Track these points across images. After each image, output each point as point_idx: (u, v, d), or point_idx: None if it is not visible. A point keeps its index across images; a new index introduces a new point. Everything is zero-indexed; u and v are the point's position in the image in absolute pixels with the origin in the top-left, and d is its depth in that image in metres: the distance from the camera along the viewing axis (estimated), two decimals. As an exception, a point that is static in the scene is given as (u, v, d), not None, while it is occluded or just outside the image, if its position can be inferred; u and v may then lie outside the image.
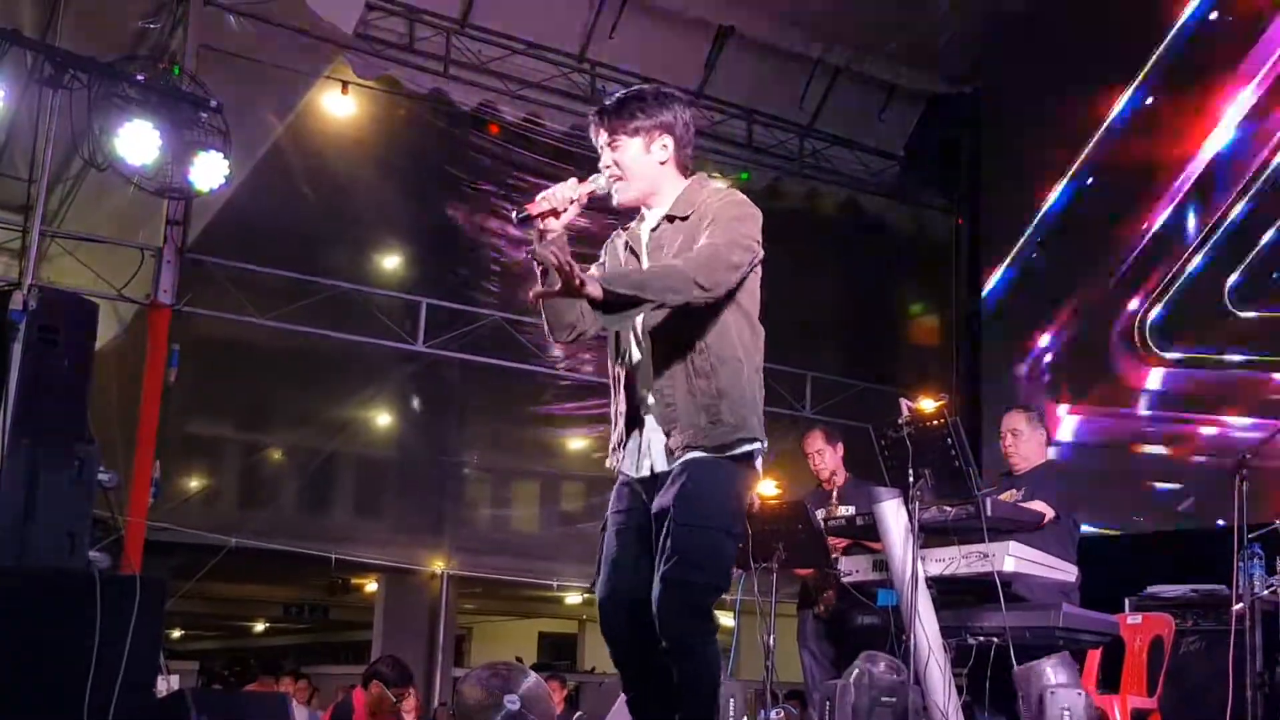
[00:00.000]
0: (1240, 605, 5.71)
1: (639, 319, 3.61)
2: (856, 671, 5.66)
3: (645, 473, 3.65)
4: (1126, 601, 7.12)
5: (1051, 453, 6.63)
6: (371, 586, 15.67)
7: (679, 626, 3.44)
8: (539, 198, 3.57)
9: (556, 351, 11.98)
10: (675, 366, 3.59)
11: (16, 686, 4.87)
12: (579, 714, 6.63)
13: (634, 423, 3.70)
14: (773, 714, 6.25)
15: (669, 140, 3.74)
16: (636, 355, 3.68)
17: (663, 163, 3.74)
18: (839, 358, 13.14)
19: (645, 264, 3.71)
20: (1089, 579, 5.99)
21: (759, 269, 3.69)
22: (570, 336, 3.76)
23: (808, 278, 12.60)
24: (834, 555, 6.60)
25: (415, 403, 12.42)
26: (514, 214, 3.59)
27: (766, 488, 12.20)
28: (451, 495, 12.70)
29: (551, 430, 12.76)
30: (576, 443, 13.09)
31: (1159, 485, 10.44)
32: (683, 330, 3.57)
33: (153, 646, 5.52)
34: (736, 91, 12.42)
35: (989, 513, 5.47)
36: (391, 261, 12.13)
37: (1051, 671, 5.30)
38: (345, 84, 10.69)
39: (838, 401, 12.50)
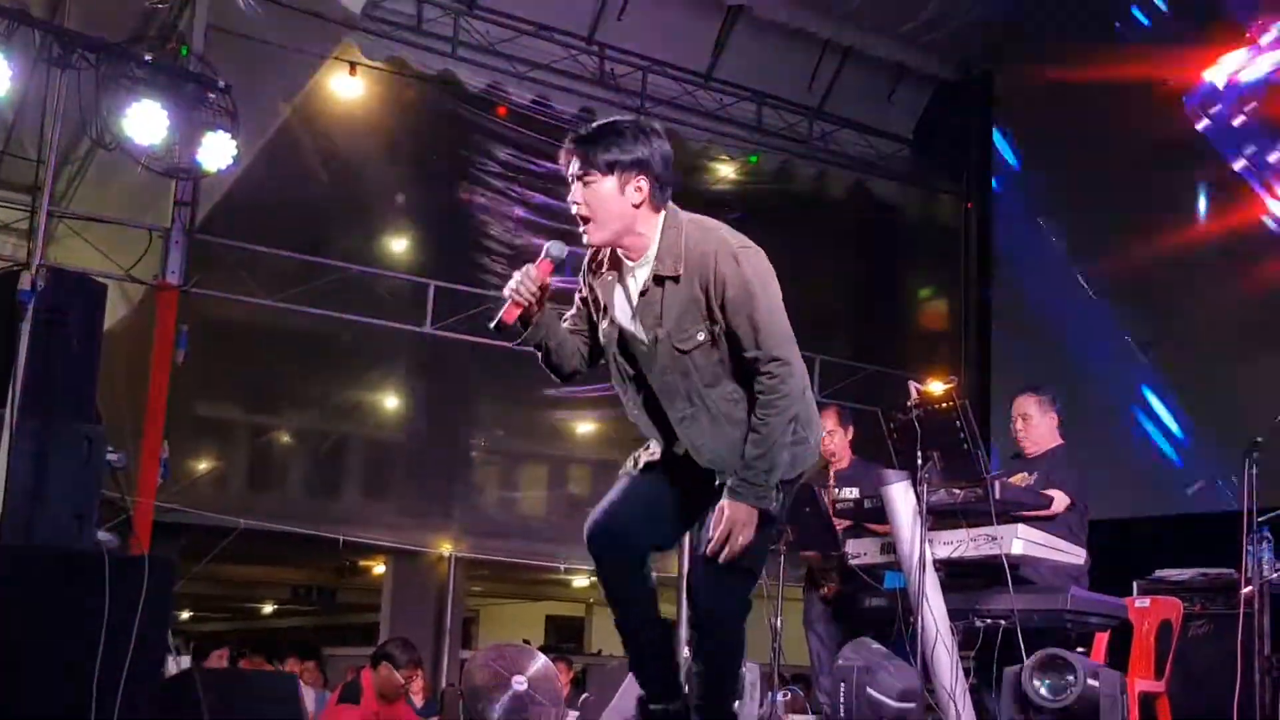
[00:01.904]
0: (1249, 589, 5.71)
1: (650, 384, 3.63)
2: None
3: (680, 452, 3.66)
4: (1135, 585, 7.11)
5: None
6: (379, 569, 15.70)
7: (715, 603, 3.58)
8: (507, 304, 3.56)
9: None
10: (702, 429, 3.61)
11: (25, 667, 4.89)
12: (585, 695, 6.63)
13: (669, 436, 3.69)
14: (779, 696, 6.26)
15: (644, 181, 3.54)
16: (657, 414, 3.66)
17: (636, 205, 3.55)
18: (848, 342, 13.12)
19: (632, 327, 3.62)
20: (1097, 562, 5.98)
21: None
22: (574, 378, 3.86)
23: (817, 261, 12.59)
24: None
25: (423, 385, 12.42)
26: (491, 325, 3.59)
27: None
28: (459, 478, 12.71)
29: (559, 413, 12.77)
30: (584, 426, 13.09)
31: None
32: (698, 391, 3.58)
33: (161, 627, 5.53)
34: (746, 73, 12.38)
35: (998, 496, 5.46)
36: (400, 243, 12.13)
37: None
38: (353, 65, 10.67)
39: (847, 385, 12.48)
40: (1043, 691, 5.17)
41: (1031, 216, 12.16)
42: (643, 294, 3.58)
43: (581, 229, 3.58)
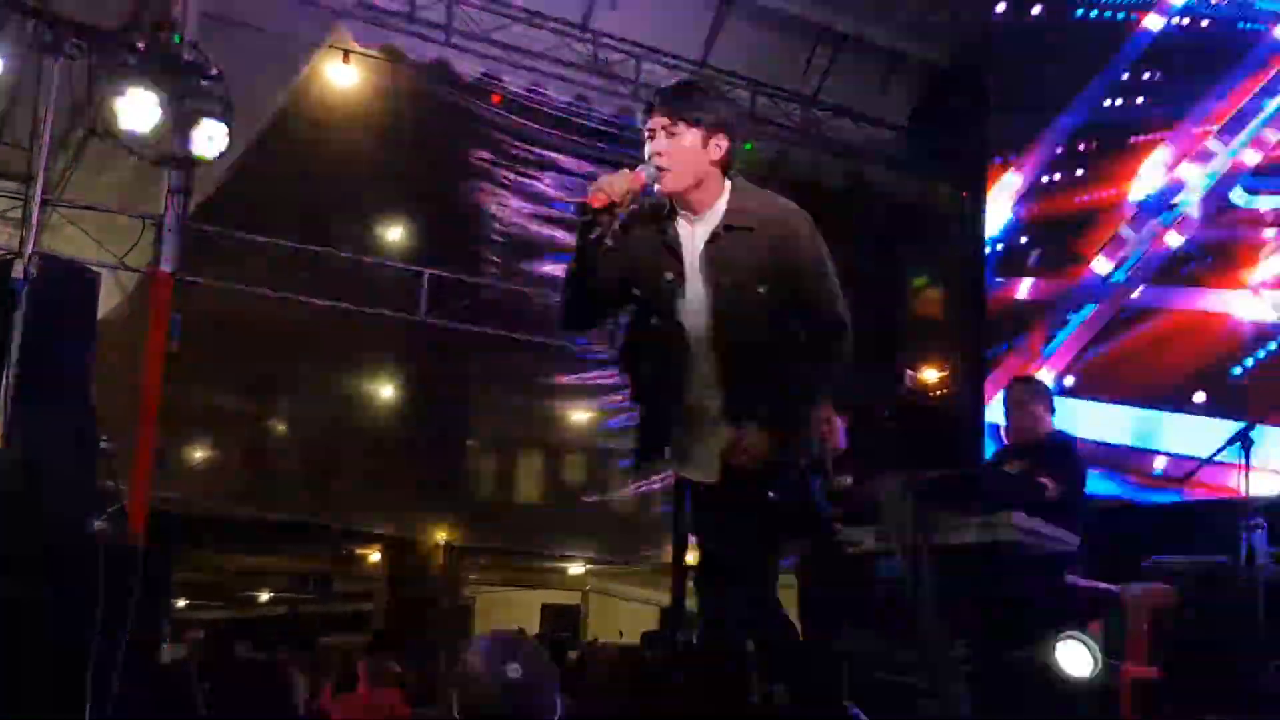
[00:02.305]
0: (1243, 576, 5.71)
1: (704, 318, 3.67)
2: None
3: (713, 479, 3.73)
4: (1129, 572, 7.12)
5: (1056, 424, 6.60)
6: (375, 557, 15.72)
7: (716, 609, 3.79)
8: (595, 189, 3.56)
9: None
10: (751, 377, 3.67)
11: (19, 657, 4.88)
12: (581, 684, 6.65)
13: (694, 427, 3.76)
14: (777, 686, 6.26)
15: (724, 141, 3.71)
16: (706, 365, 3.70)
17: (714, 161, 3.70)
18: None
19: (696, 271, 3.69)
20: (1091, 549, 5.98)
21: None
22: (588, 329, 3.93)
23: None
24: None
25: (418, 374, 12.43)
26: (573, 208, 3.68)
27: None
28: (455, 466, 12.74)
29: (555, 401, 12.77)
30: (580, 414, 13.10)
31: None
32: (753, 341, 3.67)
33: (156, 616, 5.53)
34: (740, 61, 12.35)
35: (992, 483, 5.47)
36: (395, 232, 12.12)
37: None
38: (347, 53, 10.63)
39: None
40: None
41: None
42: (710, 241, 3.68)
43: (655, 179, 3.65)
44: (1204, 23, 9.71)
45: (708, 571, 3.84)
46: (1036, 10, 11.13)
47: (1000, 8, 11.59)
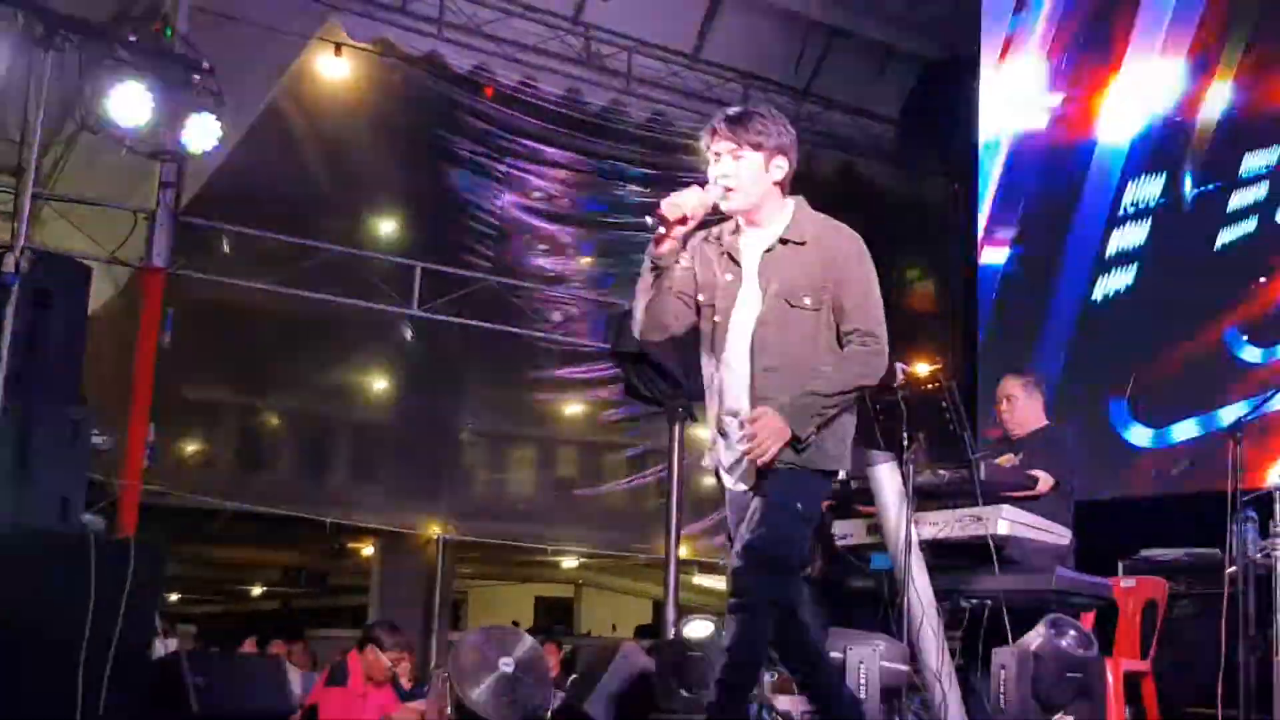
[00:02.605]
0: (1233, 568, 5.73)
1: (751, 324, 3.94)
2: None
3: (741, 488, 3.97)
4: (1120, 565, 7.14)
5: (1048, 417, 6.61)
6: (368, 550, 15.72)
7: (747, 591, 3.82)
8: (668, 205, 3.83)
9: (555, 316, 11.98)
10: (780, 382, 3.87)
11: (10, 650, 4.87)
12: (574, 676, 6.66)
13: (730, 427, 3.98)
14: (767, 677, 6.26)
15: (784, 162, 4.01)
16: (744, 353, 3.94)
17: (776, 182, 4.01)
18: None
19: (752, 279, 3.98)
20: (1083, 542, 6.00)
21: None
22: (662, 336, 4.09)
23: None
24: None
25: (411, 367, 12.41)
26: (648, 219, 3.86)
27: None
28: (448, 460, 12.72)
29: (547, 395, 12.77)
30: (572, 407, 13.10)
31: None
32: (790, 349, 3.90)
33: (148, 610, 5.53)
34: (732, 54, 12.35)
35: (983, 476, 5.48)
36: (387, 225, 12.10)
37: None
38: (338, 46, 10.62)
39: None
40: None
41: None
42: (768, 251, 3.98)
43: (722, 198, 3.94)
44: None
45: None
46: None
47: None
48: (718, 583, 15.78)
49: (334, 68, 10.75)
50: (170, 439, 10.86)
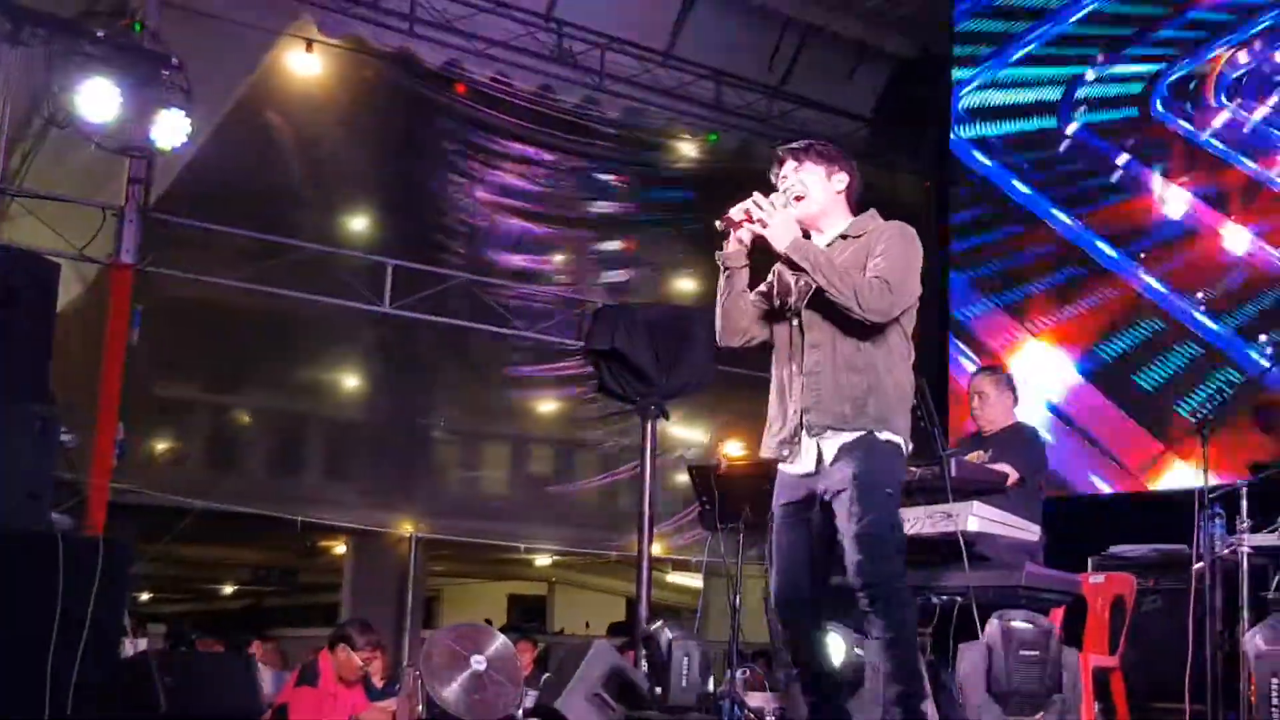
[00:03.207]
0: (1201, 564, 5.77)
1: (807, 324, 4.19)
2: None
3: (810, 469, 4.16)
4: (1089, 561, 7.18)
5: (1019, 414, 6.64)
6: (340, 549, 15.66)
7: (877, 574, 3.98)
8: (737, 208, 4.25)
9: (528, 313, 11.96)
10: (831, 362, 4.13)
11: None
12: (547, 675, 6.64)
13: (797, 424, 4.19)
14: (739, 674, 6.28)
15: (844, 176, 4.35)
16: (810, 359, 4.17)
17: (838, 192, 4.34)
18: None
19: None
20: (1052, 539, 6.03)
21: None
22: (740, 341, 4.37)
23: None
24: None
25: (383, 365, 12.37)
26: (718, 223, 4.27)
27: (733, 449, 12.23)
28: (420, 458, 12.68)
29: (520, 392, 12.74)
30: (545, 405, 13.07)
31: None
32: (848, 332, 4.13)
33: (117, 609, 5.50)
34: (705, 52, 12.35)
35: (954, 473, 5.49)
36: (358, 222, 12.05)
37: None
38: (310, 42, 10.56)
39: (806, 363, 12.47)
40: None
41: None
42: (828, 245, 4.28)
43: (793, 206, 4.28)
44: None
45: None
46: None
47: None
48: (691, 580, 15.80)
49: (305, 64, 10.68)
50: (140, 437, 10.78)
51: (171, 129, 7.91)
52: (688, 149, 12.57)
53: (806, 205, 4.31)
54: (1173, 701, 5.80)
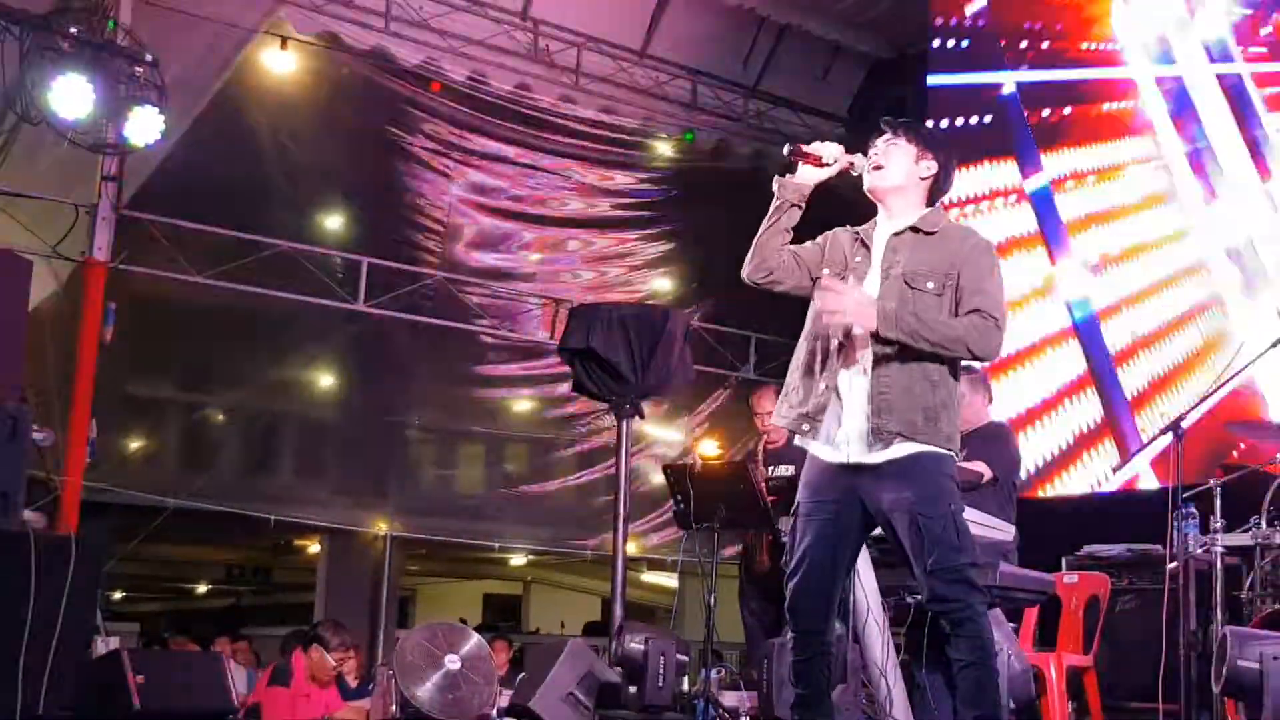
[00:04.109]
0: (1174, 564, 5.79)
1: (895, 285, 3.99)
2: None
3: (842, 459, 3.97)
4: (1064, 561, 7.21)
5: (993, 414, 6.66)
6: (314, 548, 15.60)
7: (959, 603, 3.88)
8: (812, 145, 4.18)
9: (503, 312, 11.94)
10: (902, 362, 3.92)
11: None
12: (522, 675, 6.63)
13: (827, 401, 4.01)
14: (713, 673, 6.29)
15: (934, 166, 4.14)
16: (862, 345, 3.97)
17: (922, 178, 4.14)
18: (784, 319, 13.10)
19: (878, 264, 4.09)
20: (1027, 538, 6.04)
21: None
22: (762, 279, 4.18)
23: (752, 238, 12.58)
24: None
25: (357, 363, 12.33)
26: (785, 147, 4.19)
27: (708, 448, 12.24)
28: (395, 456, 12.64)
29: (495, 391, 12.71)
30: (521, 404, 13.05)
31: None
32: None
33: (89, 607, 5.47)
34: (680, 50, 12.37)
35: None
36: (334, 220, 12.00)
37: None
38: (284, 39, 10.52)
39: (781, 364, 12.47)
40: None
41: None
42: (896, 235, 4.10)
43: (864, 169, 4.15)
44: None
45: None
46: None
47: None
48: (666, 579, 15.81)
49: (280, 61, 10.64)
50: (113, 435, 10.73)
51: (145, 126, 7.87)
52: (664, 148, 12.58)
53: (881, 177, 4.14)
54: (1146, 701, 5.83)
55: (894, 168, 4.13)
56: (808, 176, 4.17)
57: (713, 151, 12.70)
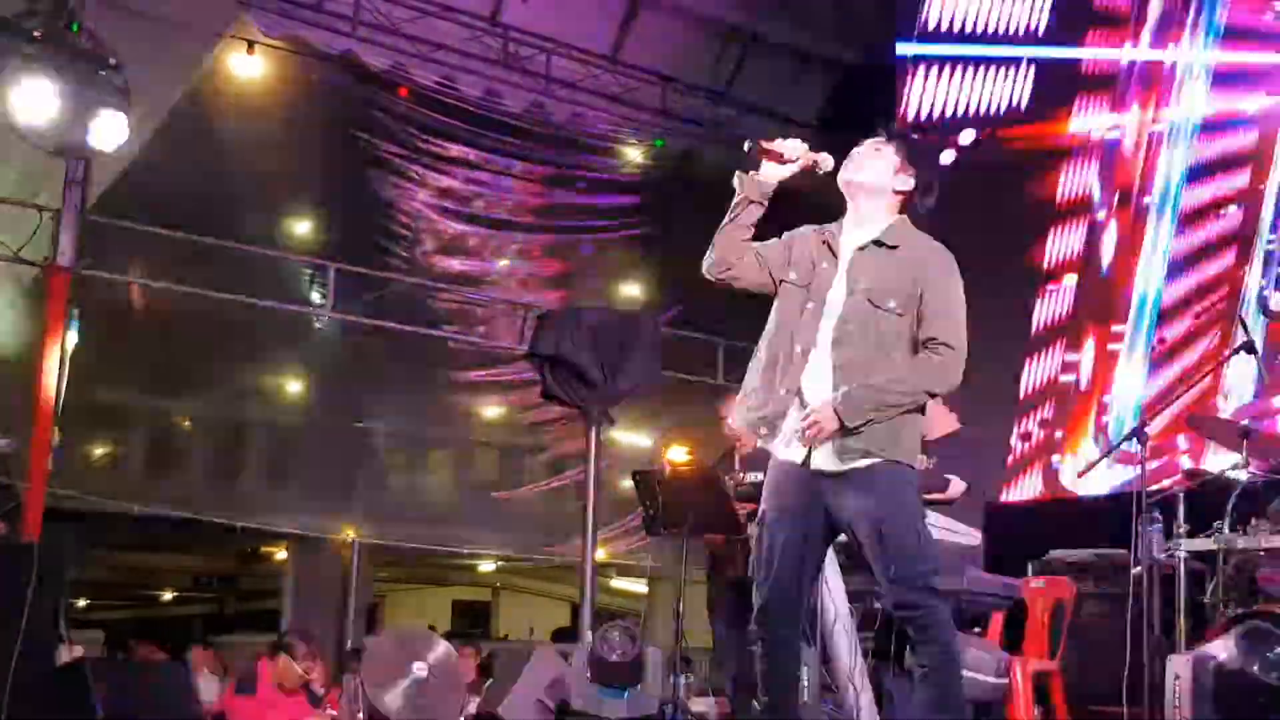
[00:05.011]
0: (1139, 569, 5.82)
1: (836, 315, 3.99)
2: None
3: (803, 462, 3.96)
4: (1029, 565, 7.23)
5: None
6: (282, 555, 15.53)
7: (922, 610, 3.88)
8: (775, 141, 4.12)
9: (472, 318, 11.92)
10: (866, 373, 3.90)
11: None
12: (490, 681, 6.62)
13: (788, 406, 3.99)
14: (682, 679, 6.28)
15: (911, 180, 4.09)
16: (826, 341, 3.97)
17: (895, 191, 4.09)
18: (753, 325, 13.13)
19: (843, 276, 4.05)
20: (993, 543, 6.06)
21: None
22: (721, 273, 4.15)
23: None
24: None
25: (325, 369, 12.29)
26: (746, 145, 4.14)
27: (677, 454, 12.24)
28: (363, 463, 12.62)
29: (464, 397, 12.69)
30: (489, 410, 13.03)
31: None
32: (868, 348, 3.94)
33: (52, 615, 5.43)
34: (651, 57, 12.37)
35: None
36: (301, 225, 11.96)
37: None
38: (251, 44, 10.46)
39: (750, 370, 12.51)
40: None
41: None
42: (860, 249, 4.07)
43: (829, 166, 4.12)
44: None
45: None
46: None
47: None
48: (635, 585, 15.80)
49: (247, 65, 10.58)
50: (78, 442, 10.66)
51: (110, 130, 7.80)
52: (634, 154, 12.58)
53: (850, 172, 4.12)
54: (1112, 705, 5.85)
55: (870, 170, 4.12)
56: (770, 174, 4.15)
57: (682, 158, 12.71)
